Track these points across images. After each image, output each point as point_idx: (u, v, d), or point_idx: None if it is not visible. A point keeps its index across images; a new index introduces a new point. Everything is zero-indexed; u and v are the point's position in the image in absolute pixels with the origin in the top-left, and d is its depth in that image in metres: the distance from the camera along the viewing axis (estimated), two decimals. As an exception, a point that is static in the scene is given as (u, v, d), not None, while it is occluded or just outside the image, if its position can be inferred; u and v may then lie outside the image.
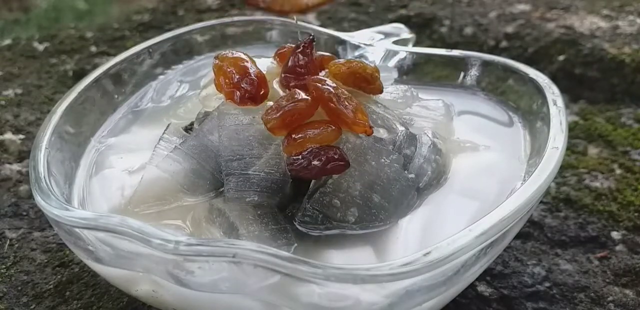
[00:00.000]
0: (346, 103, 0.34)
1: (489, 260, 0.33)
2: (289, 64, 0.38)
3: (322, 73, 0.39)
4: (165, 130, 0.39)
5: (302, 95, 0.35)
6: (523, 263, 0.44)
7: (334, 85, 0.35)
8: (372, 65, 0.39)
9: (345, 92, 0.35)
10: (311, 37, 0.39)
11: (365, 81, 0.38)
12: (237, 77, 0.36)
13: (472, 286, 0.42)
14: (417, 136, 0.38)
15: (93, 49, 0.75)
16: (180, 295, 0.30)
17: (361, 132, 0.34)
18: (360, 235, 0.34)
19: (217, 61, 0.38)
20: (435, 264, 0.27)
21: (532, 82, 0.42)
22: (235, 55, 0.38)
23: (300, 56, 0.38)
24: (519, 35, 0.71)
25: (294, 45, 0.40)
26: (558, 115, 0.38)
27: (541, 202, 0.49)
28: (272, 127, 0.34)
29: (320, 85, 0.35)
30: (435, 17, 0.77)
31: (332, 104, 0.34)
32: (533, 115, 0.41)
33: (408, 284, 0.28)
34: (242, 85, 0.36)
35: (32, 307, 0.41)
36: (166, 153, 0.37)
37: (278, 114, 0.34)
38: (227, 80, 0.37)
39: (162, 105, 0.47)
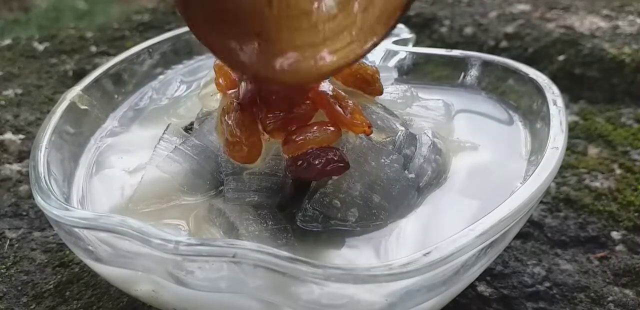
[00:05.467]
0: (344, 104, 0.34)
1: (489, 260, 0.33)
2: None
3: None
4: (165, 130, 0.39)
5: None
6: (523, 263, 0.44)
7: (332, 86, 0.35)
8: (373, 66, 0.39)
9: (343, 93, 0.35)
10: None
11: (365, 82, 0.38)
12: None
13: (472, 286, 0.42)
14: (417, 136, 0.38)
15: (93, 49, 0.75)
16: (180, 295, 0.30)
17: (360, 132, 0.34)
18: (361, 235, 0.34)
19: (218, 61, 0.38)
20: (435, 264, 0.27)
21: (532, 82, 0.42)
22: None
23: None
24: (519, 35, 0.71)
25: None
26: (558, 115, 0.38)
27: (541, 202, 0.49)
28: (271, 130, 0.34)
29: (317, 87, 0.35)
30: (435, 17, 0.77)
31: (329, 106, 0.34)
32: (533, 115, 0.41)
33: (408, 284, 0.28)
34: (243, 85, 0.36)
35: (32, 307, 0.41)
36: (166, 153, 0.37)
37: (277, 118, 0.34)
38: (227, 80, 0.37)
39: (162, 105, 0.47)
